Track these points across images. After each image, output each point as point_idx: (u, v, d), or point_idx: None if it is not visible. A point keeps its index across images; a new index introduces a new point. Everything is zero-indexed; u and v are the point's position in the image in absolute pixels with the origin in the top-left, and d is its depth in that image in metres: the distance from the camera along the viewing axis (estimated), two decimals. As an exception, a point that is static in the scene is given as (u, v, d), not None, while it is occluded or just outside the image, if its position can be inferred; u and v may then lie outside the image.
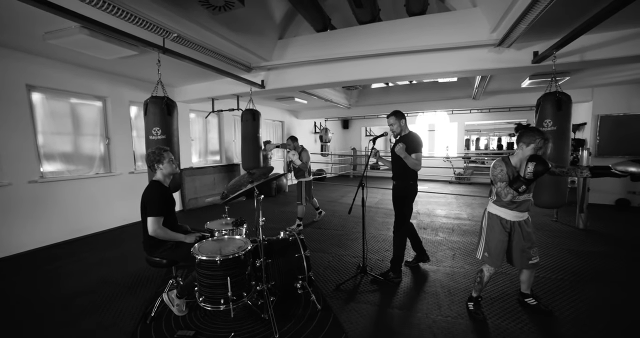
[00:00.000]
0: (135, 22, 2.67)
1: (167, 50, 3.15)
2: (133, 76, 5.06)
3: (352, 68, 4.40)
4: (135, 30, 2.91)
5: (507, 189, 2.03)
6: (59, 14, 2.25)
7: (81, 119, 4.58)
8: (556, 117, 3.06)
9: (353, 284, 2.83)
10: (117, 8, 2.46)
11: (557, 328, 2.20)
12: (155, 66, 3.36)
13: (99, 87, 4.69)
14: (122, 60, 3.98)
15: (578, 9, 2.81)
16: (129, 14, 2.58)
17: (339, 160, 12.10)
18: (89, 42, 3.08)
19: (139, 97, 5.22)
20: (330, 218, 5.18)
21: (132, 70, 4.72)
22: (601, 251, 3.67)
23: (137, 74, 4.98)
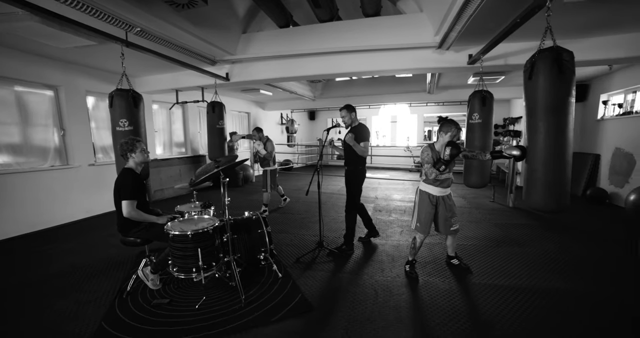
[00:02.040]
0: (96, 15, 2.69)
1: (130, 43, 3.25)
2: (90, 65, 4.95)
3: (312, 63, 4.73)
4: (96, 22, 2.88)
5: (431, 169, 2.52)
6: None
7: (29, 108, 4.37)
8: (482, 111, 3.63)
9: (311, 257, 3.24)
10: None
11: (471, 279, 2.77)
12: (115, 56, 3.37)
13: (50, 75, 4.52)
14: (77, 48, 3.91)
15: (495, 23, 3.31)
16: (89, 7, 2.60)
17: (305, 150, 12.46)
18: (41, 30, 2.93)
19: (97, 87, 5.14)
20: (294, 204, 5.55)
21: (88, 59, 4.62)
22: (521, 223, 4.41)
23: (95, 63, 4.89)
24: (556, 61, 2.12)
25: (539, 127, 2.24)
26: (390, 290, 2.59)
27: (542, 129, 2.22)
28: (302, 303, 2.38)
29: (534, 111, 2.26)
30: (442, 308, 2.32)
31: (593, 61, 3.85)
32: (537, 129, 2.25)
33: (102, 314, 2.27)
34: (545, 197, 2.26)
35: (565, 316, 2.22)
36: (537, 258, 3.20)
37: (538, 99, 2.22)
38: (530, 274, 2.85)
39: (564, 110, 2.17)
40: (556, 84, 2.14)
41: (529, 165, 2.33)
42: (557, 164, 2.21)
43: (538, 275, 2.83)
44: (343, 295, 2.51)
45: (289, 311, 2.27)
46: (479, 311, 2.30)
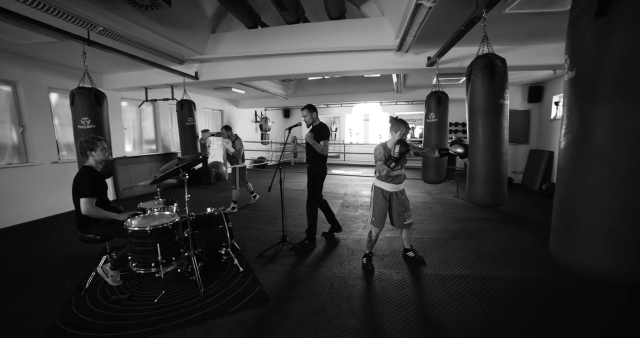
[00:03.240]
0: (55, 14, 2.68)
1: (93, 42, 3.19)
2: (53, 61, 4.80)
3: (280, 63, 4.81)
4: (57, 20, 2.86)
5: (383, 166, 2.68)
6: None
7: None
8: (437, 111, 3.85)
9: (274, 252, 3.34)
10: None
11: (424, 270, 2.96)
12: (80, 53, 3.32)
13: (7, 70, 4.36)
14: (39, 44, 3.82)
15: (450, 28, 3.49)
16: (49, 6, 2.59)
17: (280, 148, 12.49)
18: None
19: (60, 83, 4.98)
20: (264, 201, 5.62)
21: (51, 55, 4.49)
22: (478, 217, 4.70)
23: (58, 59, 4.75)
24: (489, 67, 2.33)
25: (477, 126, 2.45)
26: (346, 281, 2.74)
27: (480, 128, 2.43)
28: (260, 295, 2.48)
29: (473, 112, 2.47)
30: (391, 298, 2.48)
31: (531, 66, 4.15)
32: (475, 129, 2.46)
33: (57, 312, 2.27)
34: (484, 192, 2.48)
35: (510, 301, 2.43)
36: (489, 249, 3.46)
37: (476, 101, 2.43)
38: (481, 264, 3.08)
39: (498, 111, 2.39)
40: (490, 88, 2.36)
41: (470, 162, 2.54)
42: (493, 160, 2.43)
43: (488, 265, 3.06)
44: (300, 287, 2.63)
45: (246, 303, 2.36)
46: (427, 300, 2.48)
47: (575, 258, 1.31)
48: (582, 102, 1.23)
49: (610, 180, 1.17)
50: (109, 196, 5.45)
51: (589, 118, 1.20)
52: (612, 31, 1.13)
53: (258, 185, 6.60)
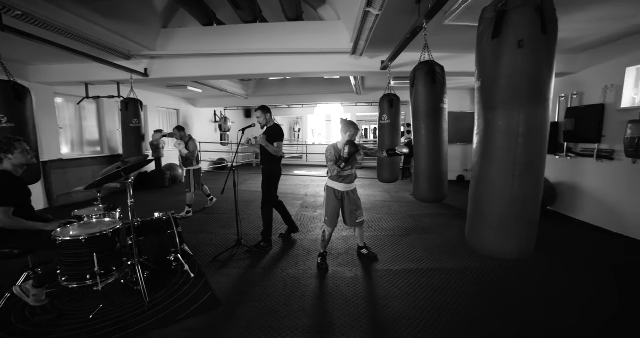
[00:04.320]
0: None
1: (7, 27, 2.86)
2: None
3: (237, 63, 4.72)
4: None
5: (334, 167, 2.75)
6: None
7: None
8: (390, 113, 4.01)
9: (229, 255, 3.27)
10: None
11: (376, 266, 3.08)
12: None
13: None
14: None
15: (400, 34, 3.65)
16: None
17: (241, 149, 12.24)
18: None
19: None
20: (221, 204, 5.46)
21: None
22: (432, 213, 4.97)
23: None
24: (430, 73, 2.48)
25: (420, 128, 2.60)
26: (300, 281, 2.76)
27: (423, 130, 2.58)
28: (211, 300, 2.41)
29: (417, 115, 2.62)
30: (343, 295, 2.55)
31: (467, 73, 4.48)
32: (419, 130, 2.61)
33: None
34: (428, 189, 2.63)
35: (452, 291, 2.60)
36: (439, 243, 3.67)
37: (419, 105, 2.58)
38: (430, 258, 3.26)
39: (438, 114, 2.55)
40: (431, 93, 2.51)
41: (415, 162, 2.69)
42: (434, 160, 2.59)
43: (436, 258, 3.26)
44: (253, 290, 2.61)
45: (196, 309, 2.29)
46: (377, 294, 2.58)
47: (482, 243, 1.51)
48: (485, 108, 1.41)
49: (502, 176, 1.35)
50: (39, 204, 4.97)
51: (489, 122, 1.38)
52: (502, 51, 1.32)
53: (217, 187, 6.39)
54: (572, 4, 2.91)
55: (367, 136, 19.52)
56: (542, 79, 1.35)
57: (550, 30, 1.35)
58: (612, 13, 3.19)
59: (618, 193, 4.09)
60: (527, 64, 1.33)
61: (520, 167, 1.35)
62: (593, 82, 4.43)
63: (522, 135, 1.35)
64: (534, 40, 1.33)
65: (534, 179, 1.39)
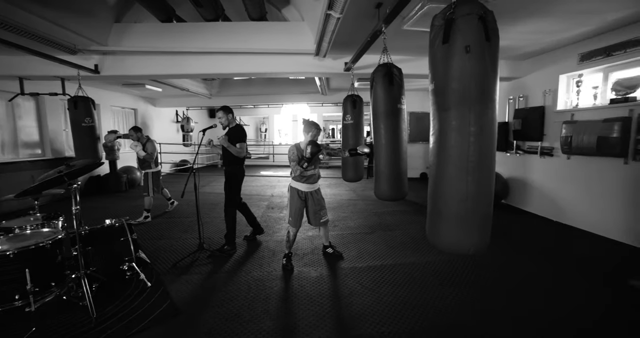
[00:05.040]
0: None
1: None
2: None
3: (199, 62, 4.55)
4: None
5: (296, 167, 2.74)
6: None
7: None
8: (353, 113, 4.09)
9: (190, 261, 3.14)
10: None
11: (341, 264, 3.12)
12: None
13: None
14: None
15: (363, 37, 3.72)
16: None
17: (205, 150, 11.82)
18: None
19: None
20: (184, 207, 5.24)
21: None
22: (396, 210, 5.13)
23: None
24: (388, 75, 2.56)
25: (380, 128, 2.67)
26: (264, 283, 2.72)
27: (382, 130, 2.66)
28: (169, 309, 2.30)
29: (376, 115, 2.69)
30: (308, 295, 2.55)
31: (423, 75, 4.67)
32: (378, 130, 2.68)
33: None
34: (388, 187, 2.71)
35: (414, 284, 2.70)
36: (402, 239, 3.80)
37: (378, 105, 2.65)
38: (393, 254, 3.36)
39: (396, 115, 2.64)
40: (389, 94, 2.59)
41: (375, 161, 2.76)
42: (393, 159, 2.67)
43: (399, 254, 3.36)
44: (215, 295, 2.53)
45: (152, 320, 2.17)
46: (342, 292, 2.60)
47: (441, 239, 1.59)
48: (439, 109, 1.49)
49: (457, 173, 1.43)
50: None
51: (443, 123, 1.45)
52: (452, 55, 1.41)
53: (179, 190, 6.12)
54: (512, 16, 3.18)
55: (335, 136, 19.76)
56: (488, 81, 1.45)
57: (492, 38, 1.45)
58: (544, 28, 3.57)
59: (556, 185, 4.53)
60: (474, 67, 1.42)
61: (473, 164, 1.44)
62: (535, 86, 4.85)
63: (473, 134, 1.43)
64: (479, 46, 1.42)
65: (485, 175, 1.49)
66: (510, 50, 4.43)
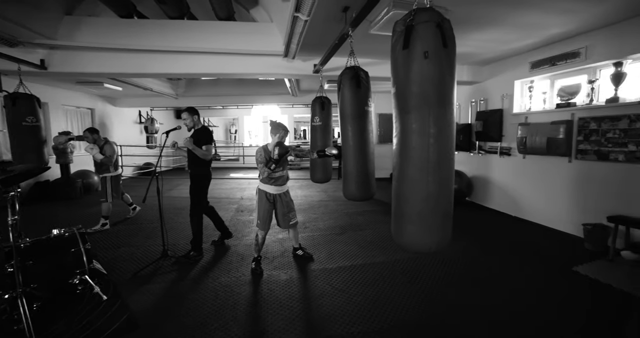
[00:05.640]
0: None
1: None
2: None
3: (162, 61, 4.34)
4: None
5: (264, 168, 2.70)
6: None
7: None
8: (321, 115, 4.10)
9: (153, 269, 2.98)
10: None
11: (311, 266, 3.11)
12: None
13: None
14: None
15: (329, 40, 3.72)
16: None
17: (171, 152, 11.34)
18: None
19: None
20: (147, 212, 4.97)
21: None
22: (366, 210, 5.21)
23: None
24: (355, 78, 2.59)
25: (347, 130, 2.70)
26: (232, 289, 2.64)
27: (350, 132, 2.69)
28: (126, 324, 2.15)
29: (344, 117, 2.71)
30: (278, 299, 2.51)
31: (388, 78, 4.79)
32: (346, 132, 2.70)
33: None
34: (355, 188, 2.75)
35: (383, 283, 2.75)
36: (372, 239, 3.86)
37: (345, 108, 2.67)
38: (363, 254, 3.41)
39: (363, 117, 2.68)
40: (356, 96, 2.63)
41: (343, 162, 2.78)
42: (361, 160, 2.71)
43: (368, 253, 3.41)
44: (180, 304, 2.42)
45: (108, 336, 2.02)
46: (312, 294, 2.59)
47: (405, 238, 1.63)
48: (400, 112, 1.54)
49: (418, 174, 1.48)
50: None
51: (405, 125, 1.50)
52: (412, 60, 1.48)
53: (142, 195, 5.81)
54: (471, 25, 3.37)
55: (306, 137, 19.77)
56: (445, 85, 1.51)
57: (449, 45, 1.52)
58: (499, 37, 3.81)
59: (514, 183, 4.85)
60: (432, 72, 1.48)
61: (433, 165, 1.49)
62: (494, 91, 5.16)
63: (433, 135, 1.49)
64: (437, 52, 1.48)
65: (445, 175, 1.55)
66: (471, 56, 4.68)
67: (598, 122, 3.65)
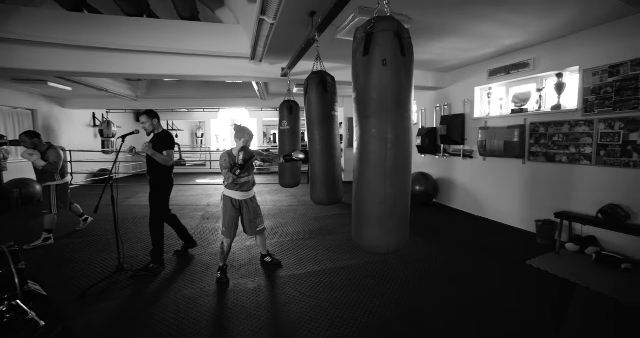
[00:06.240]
0: None
1: None
2: None
3: (118, 60, 4.05)
4: None
5: (228, 174, 2.61)
6: None
7: None
8: (289, 119, 4.05)
9: (106, 286, 2.73)
10: None
11: (280, 272, 3.04)
12: None
13: None
14: None
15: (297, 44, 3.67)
16: None
17: (131, 157, 10.67)
18: None
19: None
20: (101, 223, 4.56)
21: None
22: (336, 214, 5.22)
23: None
24: (322, 82, 2.59)
25: (314, 135, 2.68)
26: (196, 302, 2.50)
27: (317, 136, 2.67)
28: (74, 347, 1.95)
29: (311, 122, 2.69)
30: (245, 308, 2.42)
31: None
32: (313, 137, 2.68)
33: None
34: (322, 192, 2.73)
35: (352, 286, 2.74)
36: (340, 243, 3.86)
37: (312, 112, 2.66)
38: (332, 258, 3.39)
39: (330, 121, 2.68)
40: (323, 101, 2.62)
41: (310, 167, 2.76)
42: (328, 164, 2.70)
43: (337, 257, 3.40)
44: (136, 322, 2.24)
45: (48, 365, 1.81)
46: (280, 302, 2.53)
47: (364, 241, 1.65)
48: (360, 117, 1.56)
49: (376, 178, 1.52)
50: None
51: (364, 130, 1.52)
52: (371, 67, 1.52)
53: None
54: (433, 34, 3.53)
55: (276, 141, 19.62)
56: (403, 92, 1.55)
57: (407, 53, 1.56)
58: (460, 46, 4.03)
59: (476, 184, 5.12)
60: (390, 79, 1.52)
61: (390, 170, 1.52)
62: (457, 96, 5.43)
63: (391, 141, 1.52)
64: (395, 60, 1.52)
65: (402, 179, 1.58)
66: (435, 63, 4.89)
67: (546, 127, 3.97)
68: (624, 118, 3.22)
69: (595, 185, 3.49)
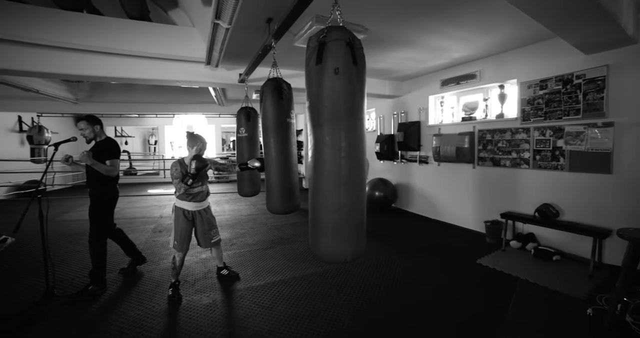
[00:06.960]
0: None
1: None
2: None
3: (51, 58, 3.60)
4: None
5: (180, 184, 2.45)
6: None
7: None
8: (247, 126, 3.95)
9: (30, 316, 2.35)
10: None
11: (237, 285, 2.90)
12: None
13: None
14: None
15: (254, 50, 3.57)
16: None
17: (70, 168, 9.68)
18: None
19: None
20: (30, 243, 3.99)
21: None
22: (296, 222, 5.15)
23: None
24: (277, 89, 2.55)
25: (270, 142, 2.62)
26: (142, 324, 2.29)
27: (272, 143, 2.61)
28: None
29: (266, 129, 2.63)
30: (198, 326, 2.26)
31: None
32: (268, 144, 2.62)
33: None
34: (279, 201, 2.66)
35: (312, 295, 2.69)
36: (300, 251, 3.79)
37: (267, 119, 2.60)
38: (292, 267, 3.32)
39: (286, 128, 2.64)
40: (278, 108, 2.58)
41: (266, 175, 2.68)
42: (284, 172, 2.64)
43: (297, 266, 3.34)
44: (68, 354, 1.98)
45: None
46: (237, 317, 2.40)
47: (321, 249, 1.62)
48: (314, 125, 1.56)
49: (331, 186, 1.53)
50: None
51: (318, 138, 1.52)
52: (324, 76, 1.52)
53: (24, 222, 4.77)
54: (388, 44, 3.68)
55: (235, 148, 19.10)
56: (355, 101, 1.56)
57: (359, 63, 1.58)
58: (414, 56, 4.26)
59: (431, 189, 5.38)
60: (342, 88, 1.53)
61: (345, 178, 1.52)
62: (413, 104, 5.71)
63: (344, 149, 1.52)
64: (347, 69, 1.53)
65: (357, 187, 1.58)
66: (392, 72, 5.10)
67: (492, 134, 4.30)
68: (552, 126, 3.62)
69: (533, 187, 3.85)
